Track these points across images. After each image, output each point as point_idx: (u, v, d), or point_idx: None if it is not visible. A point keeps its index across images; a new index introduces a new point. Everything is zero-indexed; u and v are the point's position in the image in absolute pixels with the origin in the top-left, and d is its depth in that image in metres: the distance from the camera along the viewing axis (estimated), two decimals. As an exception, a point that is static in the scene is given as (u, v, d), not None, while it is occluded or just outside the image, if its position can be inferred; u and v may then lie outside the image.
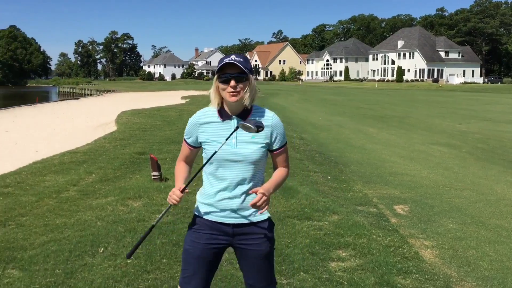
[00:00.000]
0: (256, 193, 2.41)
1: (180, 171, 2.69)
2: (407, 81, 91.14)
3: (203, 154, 2.61)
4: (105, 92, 70.05)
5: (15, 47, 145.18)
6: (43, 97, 66.67)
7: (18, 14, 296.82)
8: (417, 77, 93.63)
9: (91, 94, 71.03)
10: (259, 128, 2.36)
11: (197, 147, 2.65)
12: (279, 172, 2.65)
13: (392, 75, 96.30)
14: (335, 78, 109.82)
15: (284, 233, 5.35)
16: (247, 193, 2.52)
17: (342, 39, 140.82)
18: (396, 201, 7.19)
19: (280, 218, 5.88)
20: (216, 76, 2.49)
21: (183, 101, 37.50)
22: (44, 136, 18.47)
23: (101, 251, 4.70)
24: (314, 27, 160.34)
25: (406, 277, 4.33)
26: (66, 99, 60.97)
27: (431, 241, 5.46)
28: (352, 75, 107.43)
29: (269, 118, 2.57)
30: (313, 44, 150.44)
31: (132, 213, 5.96)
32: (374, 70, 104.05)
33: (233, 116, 2.52)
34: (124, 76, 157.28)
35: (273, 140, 2.56)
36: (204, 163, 2.54)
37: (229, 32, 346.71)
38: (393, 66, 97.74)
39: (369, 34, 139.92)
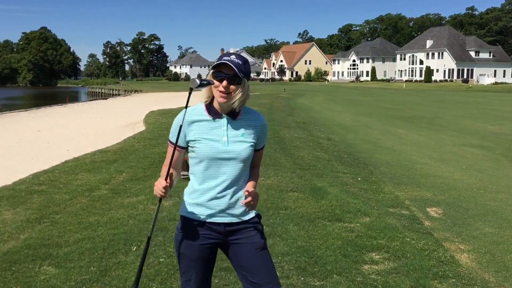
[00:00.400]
0: (248, 192, 2.43)
1: (164, 170, 2.54)
2: (435, 81, 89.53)
3: (191, 154, 2.56)
4: (133, 92, 71.02)
5: (46, 48, 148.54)
6: (73, 97, 68.05)
7: (49, 16, 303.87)
8: (446, 77, 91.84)
9: (119, 94, 72.10)
10: (203, 81, 2.35)
11: (184, 148, 2.57)
12: (256, 172, 2.68)
13: (420, 75, 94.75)
14: (361, 79, 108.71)
15: (315, 234, 5.30)
16: (236, 191, 2.52)
17: (369, 39, 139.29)
18: (429, 204, 7.04)
19: (311, 219, 5.83)
20: (211, 72, 2.45)
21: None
22: (74, 135, 18.83)
23: (134, 249, 4.74)
24: (340, 27, 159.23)
25: (443, 281, 4.23)
26: (95, 99, 62.09)
27: (466, 245, 5.32)
28: (379, 75, 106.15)
29: (260, 118, 2.60)
30: (339, 44, 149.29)
31: (163, 212, 5.99)
32: (401, 70, 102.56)
33: (223, 115, 2.50)
34: (151, 77, 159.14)
35: (259, 140, 2.59)
36: (192, 162, 2.52)
37: (255, 33, 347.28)
38: (421, 66, 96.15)
39: (396, 33, 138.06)
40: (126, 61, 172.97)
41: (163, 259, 4.43)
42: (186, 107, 2.44)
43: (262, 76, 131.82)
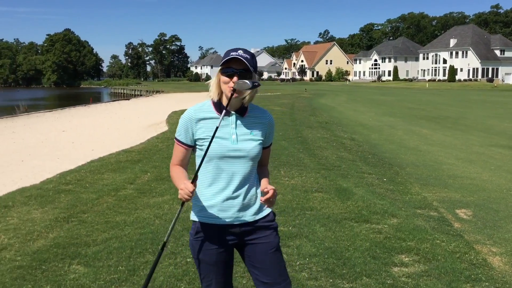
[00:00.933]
0: (267, 189, 2.41)
1: (178, 172, 2.52)
2: (459, 80, 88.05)
3: (198, 153, 2.50)
4: (154, 93, 71.64)
5: (70, 49, 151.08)
6: (96, 98, 69.03)
7: (73, 18, 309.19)
8: (470, 76, 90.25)
9: (140, 95, 72.85)
10: (254, 83, 2.32)
11: (192, 146, 2.52)
12: (266, 171, 2.66)
13: (444, 75, 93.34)
14: (383, 78, 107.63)
15: (342, 235, 5.23)
16: (249, 190, 2.48)
17: (391, 38, 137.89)
18: (457, 205, 6.89)
19: (337, 220, 5.76)
20: (220, 68, 2.41)
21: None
22: (98, 135, 19.06)
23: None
24: (362, 27, 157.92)
25: (475, 285, 4.12)
26: (118, 100, 62.81)
27: (499, 247, 5.18)
28: (401, 75, 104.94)
29: (266, 115, 2.55)
30: (360, 43, 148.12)
31: (189, 211, 5.97)
32: (424, 70, 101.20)
33: (232, 112, 2.46)
34: (172, 77, 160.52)
35: (266, 137, 2.56)
36: (201, 160, 2.43)
37: (275, 33, 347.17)
38: (444, 65, 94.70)
39: (419, 32, 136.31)
40: (147, 62, 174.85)
41: (190, 259, 4.42)
42: (226, 108, 2.41)
43: (282, 76, 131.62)
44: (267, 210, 2.56)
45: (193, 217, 2.54)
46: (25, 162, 12.37)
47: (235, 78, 2.34)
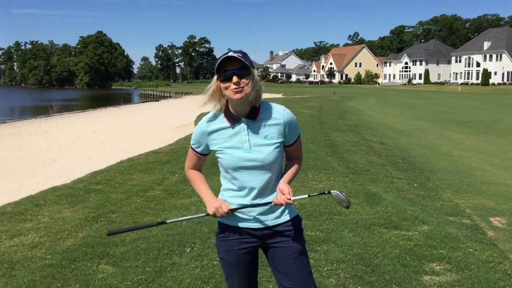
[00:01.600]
0: (281, 190, 2.35)
1: (199, 178, 2.58)
2: (493, 84, 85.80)
3: (218, 161, 2.50)
4: (183, 95, 72.33)
5: (102, 51, 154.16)
6: (126, 99, 70.23)
7: (105, 21, 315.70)
8: (505, 80, 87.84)
9: (170, 96, 73.66)
10: (349, 202, 2.38)
11: (206, 155, 2.55)
12: (295, 165, 2.53)
13: (477, 78, 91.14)
14: (414, 81, 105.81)
15: (371, 241, 5.13)
16: (269, 195, 2.43)
17: (422, 40, 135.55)
18: (491, 213, 6.68)
19: (366, 226, 5.65)
20: (216, 76, 2.35)
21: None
22: (128, 136, 19.34)
23: (188, 251, 4.76)
24: (393, 29, 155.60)
25: (511, 297, 3.97)
26: (147, 101, 63.71)
27: (535, 258, 4.98)
28: (433, 78, 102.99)
29: (280, 114, 2.42)
30: (391, 46, 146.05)
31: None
32: (456, 73, 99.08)
33: (242, 118, 2.39)
34: (201, 79, 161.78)
35: (287, 136, 2.45)
36: (221, 169, 2.50)
37: (304, 35, 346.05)
38: (478, 68, 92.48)
39: (451, 35, 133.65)
40: (177, 64, 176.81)
41: (217, 262, 4.40)
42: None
43: (311, 79, 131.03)
44: (290, 214, 2.51)
45: (218, 218, 2.54)
46: (58, 161, 12.65)
47: (234, 78, 2.28)
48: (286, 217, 2.48)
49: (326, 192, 2.46)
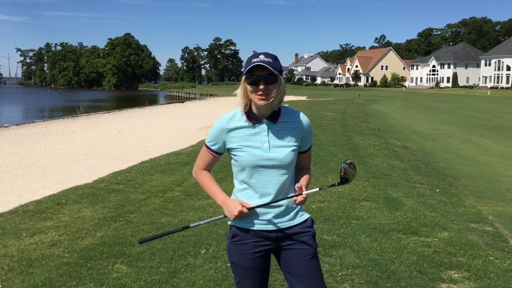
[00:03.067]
0: (299, 188, 2.37)
1: (210, 180, 2.56)
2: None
3: (233, 162, 2.50)
4: (208, 96, 72.77)
5: (129, 53, 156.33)
6: (152, 100, 71.00)
7: (133, 23, 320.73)
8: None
9: (195, 98, 74.20)
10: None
11: (221, 154, 2.54)
12: (307, 174, 2.57)
13: (507, 82, 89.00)
14: (441, 85, 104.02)
15: (388, 247, 5.05)
16: (285, 197, 2.43)
17: (451, 43, 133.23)
18: (515, 221, 6.49)
19: (384, 231, 5.57)
20: (244, 77, 2.37)
21: (283, 106, 37.61)
22: (152, 136, 19.56)
23: (202, 252, 4.77)
24: (420, 31, 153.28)
25: (531, 308, 3.85)
26: (172, 103, 64.31)
27: (559, 268, 4.82)
28: (461, 82, 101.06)
29: (302, 118, 2.48)
30: (418, 49, 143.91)
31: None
32: (486, 77, 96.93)
33: (263, 120, 2.41)
34: (225, 81, 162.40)
35: (303, 141, 2.48)
36: (235, 170, 2.49)
37: (330, 37, 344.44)
38: (508, 72, 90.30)
39: (481, 38, 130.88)
40: (202, 66, 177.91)
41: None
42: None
43: (336, 82, 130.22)
44: (304, 216, 2.52)
45: (230, 221, 2.54)
46: (82, 161, 12.88)
47: (261, 85, 2.32)
48: (299, 219, 2.50)
49: (336, 184, 2.49)
